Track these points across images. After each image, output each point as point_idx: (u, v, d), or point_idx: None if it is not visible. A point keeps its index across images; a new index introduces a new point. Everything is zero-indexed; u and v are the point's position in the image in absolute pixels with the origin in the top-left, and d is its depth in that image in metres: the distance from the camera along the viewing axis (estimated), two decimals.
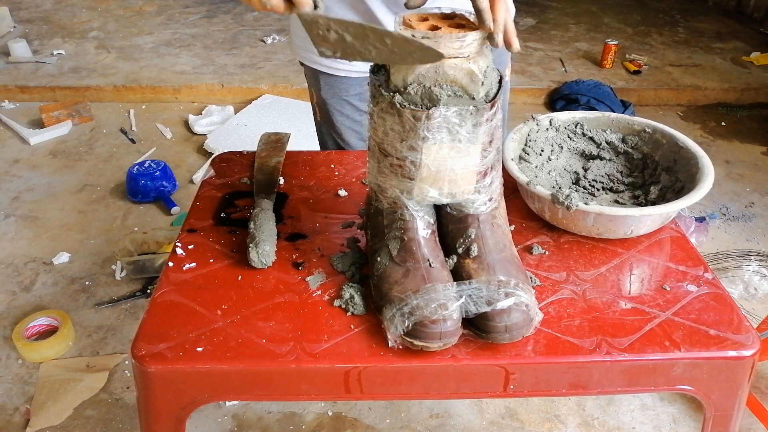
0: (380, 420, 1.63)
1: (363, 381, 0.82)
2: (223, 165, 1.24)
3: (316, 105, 1.39)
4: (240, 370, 0.81)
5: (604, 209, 0.96)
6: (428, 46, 0.75)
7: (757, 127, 3.20)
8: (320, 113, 1.40)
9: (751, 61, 3.72)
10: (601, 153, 1.16)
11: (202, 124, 3.07)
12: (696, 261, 0.99)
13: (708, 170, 1.03)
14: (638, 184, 1.12)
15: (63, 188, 2.63)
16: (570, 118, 1.19)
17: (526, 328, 0.81)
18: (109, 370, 1.75)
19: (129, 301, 1.99)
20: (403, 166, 0.84)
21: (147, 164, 2.52)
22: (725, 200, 2.59)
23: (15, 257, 2.21)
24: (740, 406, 0.88)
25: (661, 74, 3.55)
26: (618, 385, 0.84)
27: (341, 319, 0.86)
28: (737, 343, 0.84)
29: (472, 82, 0.81)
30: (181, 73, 3.51)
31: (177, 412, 0.84)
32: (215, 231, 1.04)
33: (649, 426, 1.63)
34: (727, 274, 2.09)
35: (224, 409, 1.65)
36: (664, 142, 1.13)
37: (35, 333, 1.85)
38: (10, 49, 3.60)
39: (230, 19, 4.31)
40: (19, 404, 1.67)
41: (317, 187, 1.17)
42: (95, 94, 3.38)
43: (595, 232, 1.00)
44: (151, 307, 0.88)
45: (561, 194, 0.96)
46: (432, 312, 0.78)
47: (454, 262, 0.88)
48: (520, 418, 1.64)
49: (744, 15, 4.41)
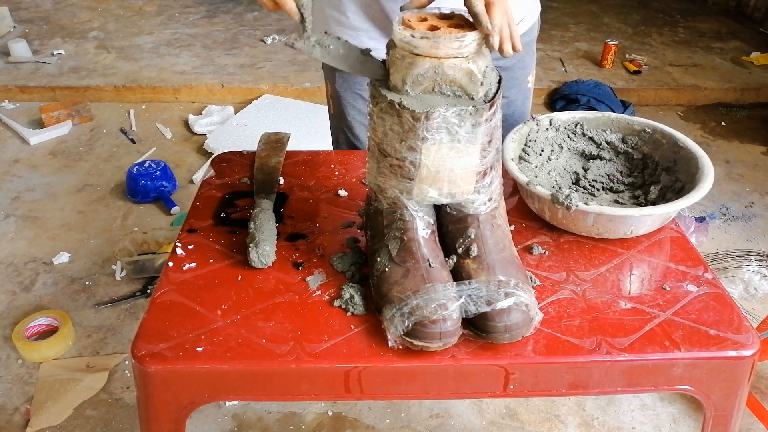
0: (380, 420, 1.63)
1: (363, 381, 0.82)
2: (223, 165, 1.24)
3: (330, 97, 1.40)
4: (240, 370, 0.81)
5: (604, 209, 0.96)
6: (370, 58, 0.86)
7: (757, 127, 3.20)
8: (333, 106, 1.40)
9: (751, 61, 3.72)
10: (601, 153, 1.16)
11: (202, 124, 3.07)
12: (696, 261, 0.99)
13: (708, 170, 1.03)
14: (638, 184, 1.12)
15: (63, 188, 2.63)
16: (570, 118, 1.19)
17: (526, 328, 0.81)
18: (109, 370, 1.75)
19: (129, 301, 1.99)
20: (403, 166, 0.84)
21: (147, 164, 2.52)
22: (725, 200, 2.59)
23: (15, 257, 2.21)
24: (740, 406, 0.88)
25: (661, 74, 3.55)
26: (618, 385, 0.84)
27: (341, 319, 0.86)
28: (737, 343, 0.84)
29: (471, 82, 0.81)
30: (181, 73, 3.51)
31: (177, 412, 0.84)
32: (215, 231, 1.04)
33: (649, 426, 1.63)
34: (727, 274, 2.09)
35: (224, 409, 1.65)
36: (664, 142, 1.13)
37: (35, 333, 1.85)
38: (10, 49, 3.60)
39: (230, 19, 4.31)
40: (19, 404, 1.67)
41: (317, 187, 1.17)
42: (95, 94, 3.38)
43: (595, 232, 1.00)
44: (151, 307, 0.88)
45: (561, 194, 0.96)
46: (432, 312, 0.78)
47: (453, 262, 0.88)
48: (520, 418, 1.64)
49: (744, 15, 4.41)
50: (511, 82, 1.34)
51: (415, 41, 0.79)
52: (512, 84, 1.35)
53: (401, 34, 0.80)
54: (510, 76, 1.33)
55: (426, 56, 0.79)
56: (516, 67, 1.34)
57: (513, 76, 1.34)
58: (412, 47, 0.80)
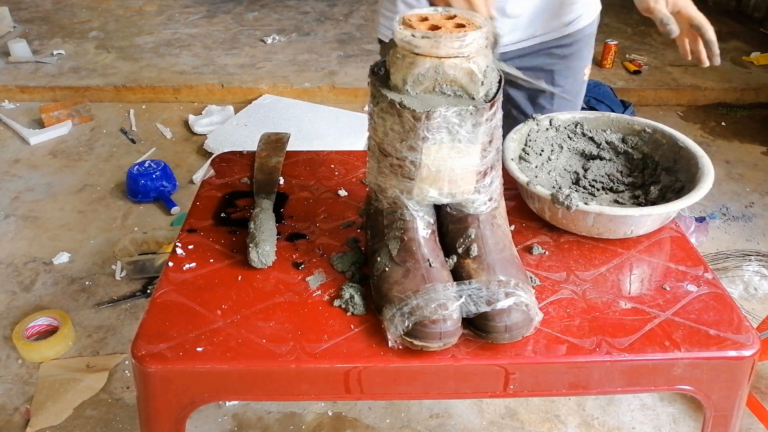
0: (380, 420, 1.63)
1: (363, 381, 0.82)
2: (223, 165, 1.24)
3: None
4: (240, 370, 0.81)
5: (604, 209, 0.96)
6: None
7: (757, 127, 3.20)
8: None
9: (751, 61, 3.71)
10: (601, 153, 1.16)
11: (202, 124, 3.07)
12: (696, 261, 0.99)
13: (708, 170, 1.03)
14: (638, 184, 1.12)
15: (63, 188, 2.63)
16: (570, 118, 1.19)
17: (526, 328, 0.81)
18: (109, 370, 1.75)
19: (129, 301, 1.99)
20: (403, 166, 0.84)
21: (147, 164, 2.52)
22: (725, 200, 2.59)
23: (15, 257, 2.21)
24: (740, 406, 0.88)
25: (661, 74, 3.55)
26: (618, 385, 0.84)
27: (341, 319, 0.86)
28: (737, 343, 0.84)
29: (472, 81, 0.81)
30: (181, 73, 3.51)
31: (177, 412, 0.84)
32: (215, 231, 1.04)
33: (649, 426, 1.63)
34: (727, 274, 2.09)
35: (224, 409, 1.65)
36: (664, 142, 1.13)
37: (35, 333, 1.85)
38: (10, 49, 3.60)
39: (230, 19, 4.31)
40: (19, 404, 1.67)
41: (317, 187, 1.17)
42: (95, 94, 3.38)
43: (595, 232, 1.00)
44: (151, 307, 0.88)
45: (561, 194, 0.96)
46: (432, 312, 0.78)
47: (454, 262, 0.88)
48: (520, 418, 1.64)
49: (744, 15, 4.41)
50: (567, 72, 1.36)
51: (415, 41, 0.79)
52: (568, 74, 1.37)
53: (402, 34, 0.80)
54: (566, 66, 1.35)
55: (427, 56, 0.79)
56: (573, 57, 1.36)
57: (569, 66, 1.36)
58: (412, 47, 0.80)
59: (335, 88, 3.39)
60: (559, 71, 1.36)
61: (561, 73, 1.36)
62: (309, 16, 4.36)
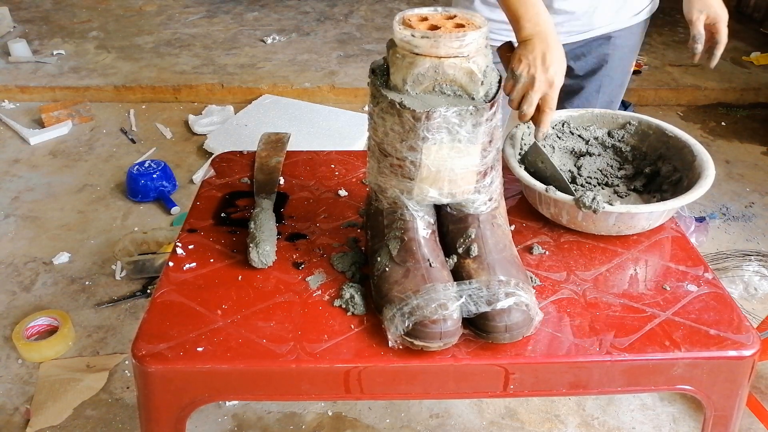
0: (380, 420, 1.63)
1: (363, 381, 0.82)
2: (223, 165, 1.24)
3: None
4: (240, 370, 0.81)
5: (630, 208, 0.96)
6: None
7: (757, 127, 3.20)
8: None
9: (751, 61, 3.71)
10: (590, 149, 1.18)
11: (202, 124, 3.06)
12: (696, 261, 0.99)
13: (705, 156, 1.05)
14: (631, 175, 1.14)
15: (63, 188, 2.63)
16: (556, 118, 1.19)
17: (526, 327, 0.81)
18: (109, 370, 1.75)
19: (129, 301, 1.99)
20: (403, 166, 0.84)
21: (147, 164, 2.52)
22: (725, 200, 2.58)
23: (15, 257, 2.20)
24: (740, 406, 0.88)
25: (661, 74, 3.55)
26: (618, 384, 0.84)
27: (341, 319, 0.86)
28: (737, 343, 0.84)
29: (472, 81, 0.81)
30: (181, 73, 3.51)
31: (177, 412, 0.84)
32: (215, 231, 1.04)
33: (649, 426, 1.63)
34: (727, 274, 2.09)
35: (224, 409, 1.65)
36: (651, 133, 1.16)
37: (35, 333, 1.85)
38: (10, 49, 3.60)
39: (230, 19, 4.31)
40: (19, 404, 1.67)
41: (317, 187, 1.17)
42: (95, 94, 3.37)
43: (615, 230, 1.01)
44: (151, 307, 0.88)
45: (587, 198, 0.96)
46: (432, 312, 0.78)
47: (454, 262, 0.88)
48: (520, 418, 1.64)
49: (744, 15, 4.40)
50: (617, 63, 1.38)
51: (415, 41, 0.79)
52: (617, 64, 1.38)
53: (401, 34, 0.80)
54: (617, 56, 1.37)
55: (426, 56, 0.79)
56: (624, 46, 1.37)
57: (620, 55, 1.37)
58: (412, 47, 0.80)
59: (335, 88, 3.39)
60: (612, 60, 1.37)
61: (610, 65, 1.38)
62: (309, 16, 4.36)
